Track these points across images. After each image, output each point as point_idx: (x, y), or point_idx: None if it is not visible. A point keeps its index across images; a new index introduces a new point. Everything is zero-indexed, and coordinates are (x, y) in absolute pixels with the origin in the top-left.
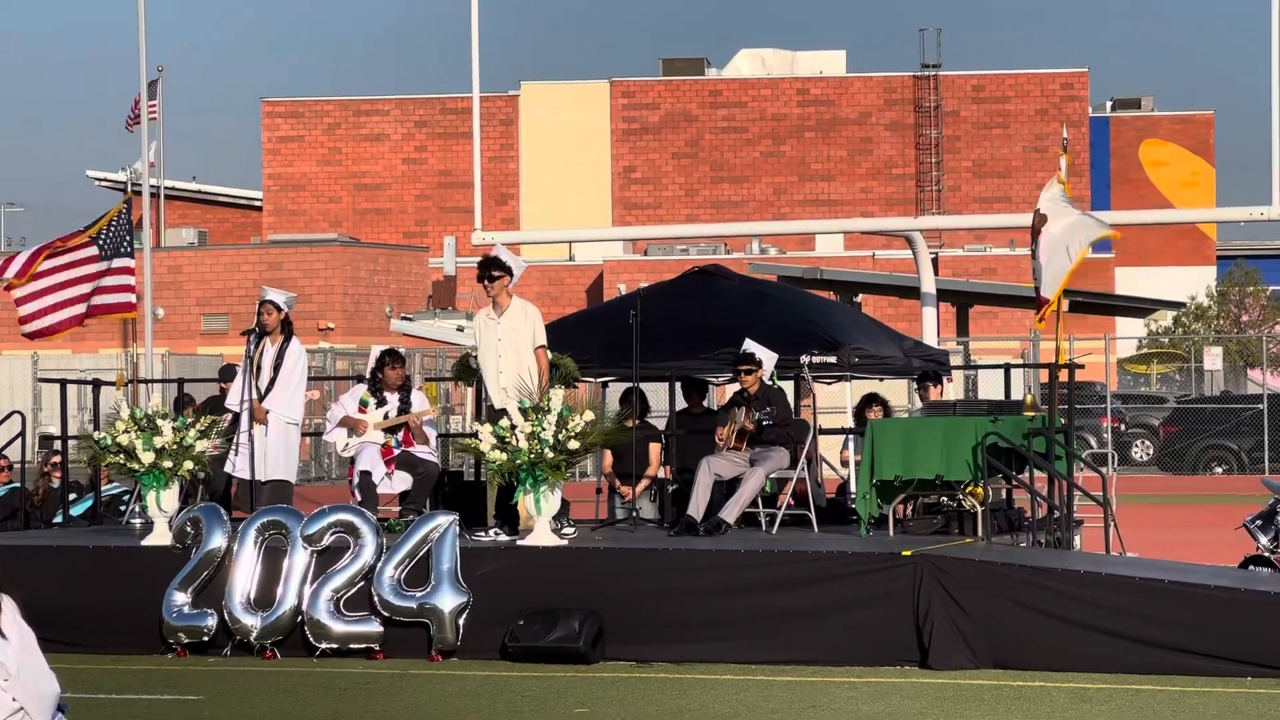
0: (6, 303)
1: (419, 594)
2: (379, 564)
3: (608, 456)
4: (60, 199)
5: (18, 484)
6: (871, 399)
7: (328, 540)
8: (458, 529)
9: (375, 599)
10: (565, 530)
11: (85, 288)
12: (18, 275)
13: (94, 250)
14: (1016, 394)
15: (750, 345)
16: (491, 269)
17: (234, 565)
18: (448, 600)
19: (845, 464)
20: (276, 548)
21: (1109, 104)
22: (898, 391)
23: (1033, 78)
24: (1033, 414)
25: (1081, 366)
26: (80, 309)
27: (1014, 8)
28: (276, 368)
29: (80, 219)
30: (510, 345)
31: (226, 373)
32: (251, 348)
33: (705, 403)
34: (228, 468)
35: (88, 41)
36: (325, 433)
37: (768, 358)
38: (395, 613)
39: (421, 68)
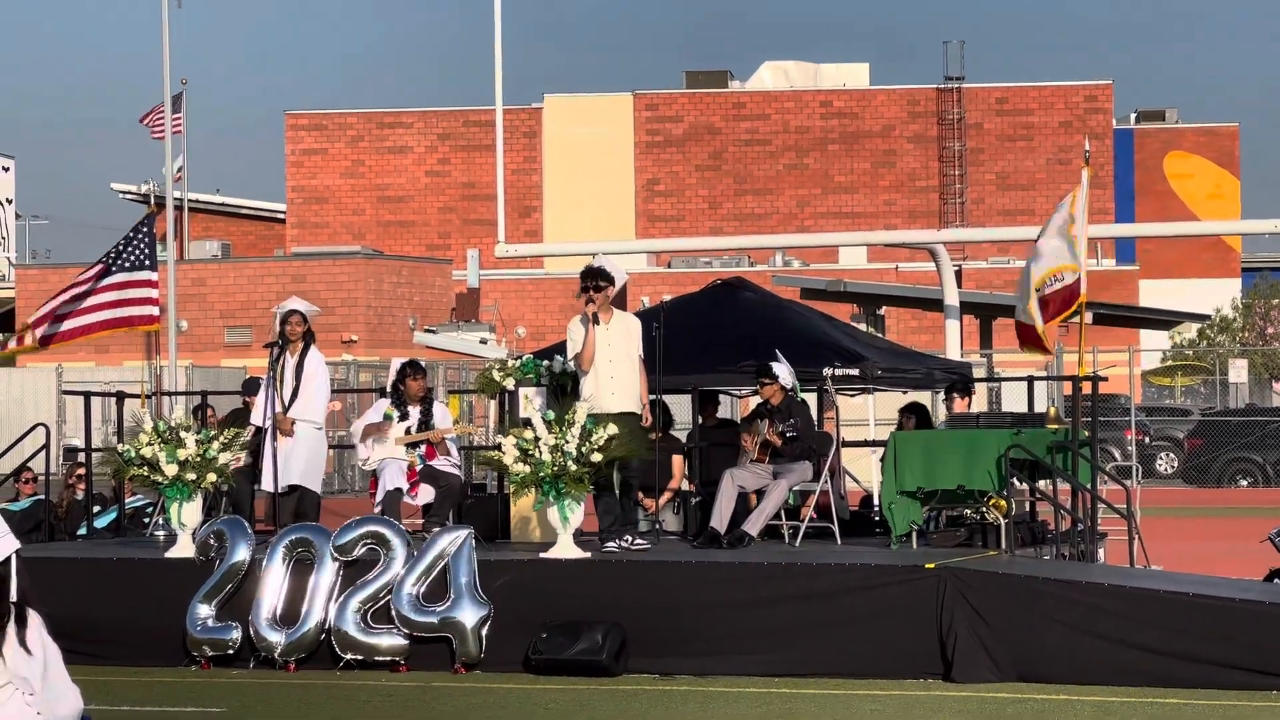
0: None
1: (439, 609)
2: (397, 580)
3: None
4: (84, 212)
5: (43, 496)
6: (908, 409)
7: (358, 552)
8: (473, 542)
9: (395, 615)
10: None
11: (106, 297)
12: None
13: (99, 267)
14: (1040, 407)
15: (783, 367)
16: (598, 279)
17: (261, 582)
18: (469, 614)
19: None
20: (304, 564)
21: (1133, 116)
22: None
23: (1057, 90)
24: (1056, 426)
25: (1105, 379)
26: (98, 317)
27: (1038, 20)
28: (298, 377)
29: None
30: (621, 353)
31: (250, 386)
32: (274, 360)
33: (720, 414)
34: (263, 484)
35: (112, 55)
36: (359, 449)
37: (785, 373)
38: (416, 629)
39: (445, 81)
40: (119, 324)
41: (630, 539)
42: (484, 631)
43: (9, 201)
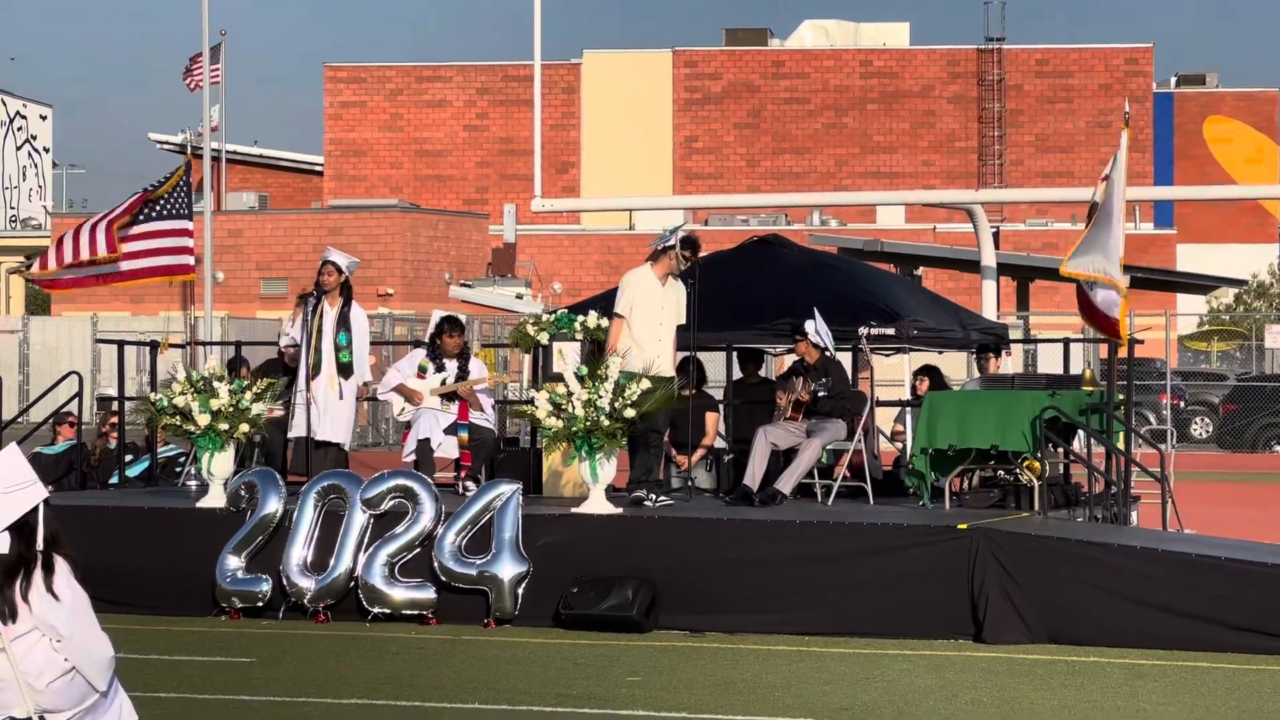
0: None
1: (479, 561)
2: (440, 530)
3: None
4: (122, 161)
5: (80, 442)
6: (922, 371)
7: (387, 505)
8: (520, 498)
9: (435, 564)
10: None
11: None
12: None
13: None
14: (1075, 370)
15: (812, 324)
16: (695, 250)
17: (293, 528)
18: (508, 569)
19: (895, 437)
20: (335, 512)
21: (1173, 80)
22: (957, 365)
23: (1097, 53)
24: (1091, 389)
25: (1141, 342)
26: (133, 265)
27: None
28: (337, 329)
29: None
30: (672, 316)
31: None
32: (309, 310)
33: (762, 373)
34: (291, 431)
35: (151, 5)
36: (380, 393)
37: (818, 333)
38: (454, 579)
39: (484, 35)
40: (154, 273)
41: (655, 496)
42: (521, 589)
43: (46, 150)
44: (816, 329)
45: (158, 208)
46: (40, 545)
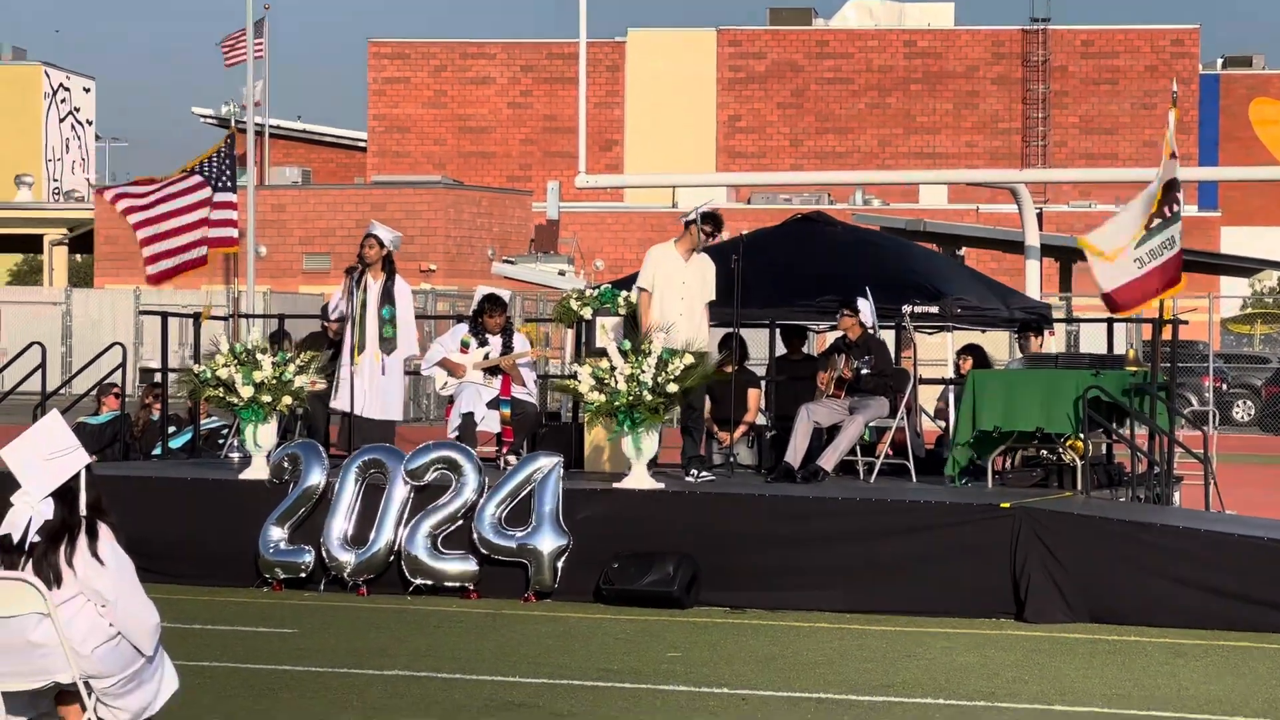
0: (111, 237)
1: (519, 534)
2: (481, 502)
3: (706, 402)
4: (164, 135)
5: (124, 414)
6: (965, 349)
7: (430, 476)
8: (561, 471)
9: (475, 536)
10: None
11: (195, 217)
12: (126, 211)
13: (197, 179)
14: (1118, 351)
15: (865, 301)
16: (719, 227)
17: (334, 502)
18: (548, 542)
19: (939, 415)
20: (376, 485)
21: (1219, 61)
22: (1000, 344)
23: (1143, 33)
24: (1135, 369)
25: (1185, 323)
26: (201, 251)
27: None
28: (380, 303)
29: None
30: (696, 291)
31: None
32: (353, 284)
33: (805, 349)
34: (333, 403)
35: None
36: (423, 368)
37: (866, 309)
38: (494, 551)
39: (528, 12)
40: (199, 245)
41: (697, 472)
42: (560, 562)
43: (89, 123)
44: (866, 308)
45: (199, 177)
46: (83, 511)
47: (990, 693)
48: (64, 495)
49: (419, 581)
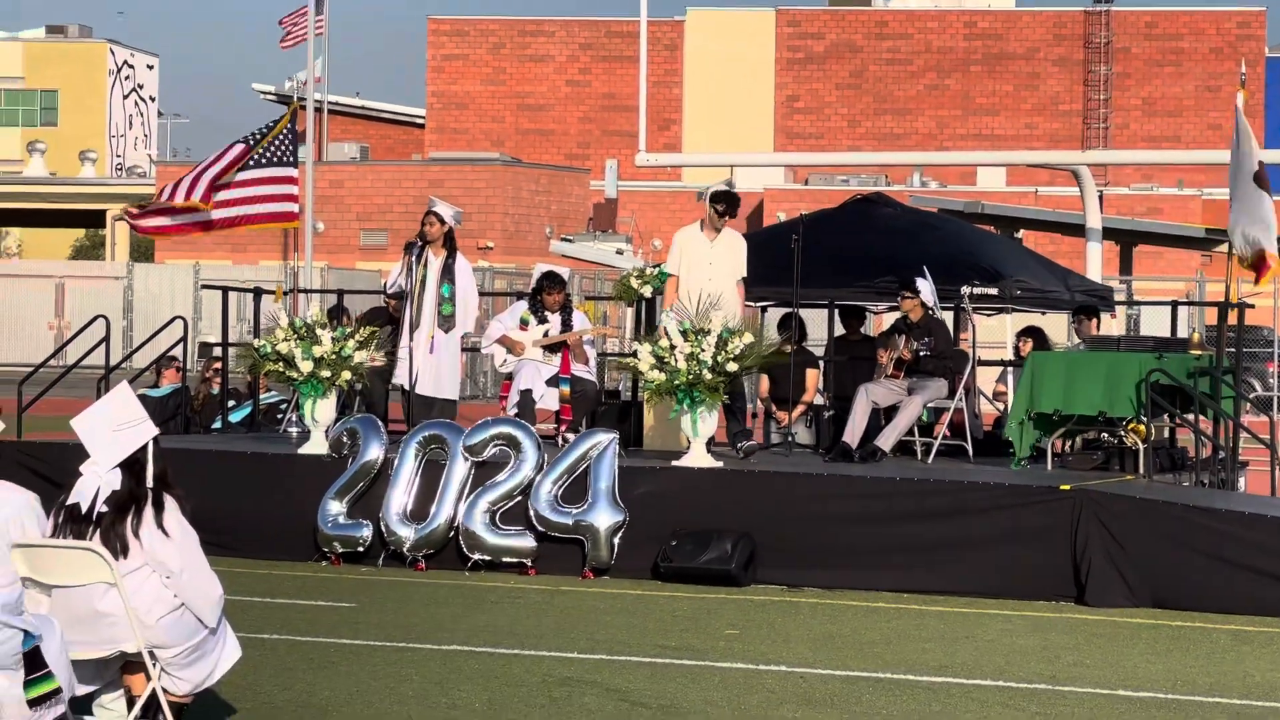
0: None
1: (575, 511)
2: (538, 479)
3: (764, 381)
4: (224, 112)
5: (184, 386)
6: (1025, 332)
7: (489, 452)
8: (617, 447)
9: (532, 513)
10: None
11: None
12: (203, 198)
13: (263, 157)
14: (1181, 334)
15: (925, 282)
16: (733, 205)
17: (393, 477)
18: (604, 518)
19: (997, 397)
20: (436, 461)
21: None
22: (1060, 326)
23: (1207, 15)
24: (1199, 353)
25: (1252, 306)
26: (241, 211)
27: None
28: (441, 279)
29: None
30: (724, 269)
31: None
32: (413, 260)
33: (863, 330)
34: (396, 379)
35: None
36: (483, 346)
37: (927, 290)
38: (551, 528)
39: None
40: (260, 219)
41: (742, 445)
42: (617, 538)
43: (152, 99)
44: (928, 288)
45: (265, 154)
46: (150, 482)
47: (1051, 676)
48: (131, 466)
49: (476, 557)
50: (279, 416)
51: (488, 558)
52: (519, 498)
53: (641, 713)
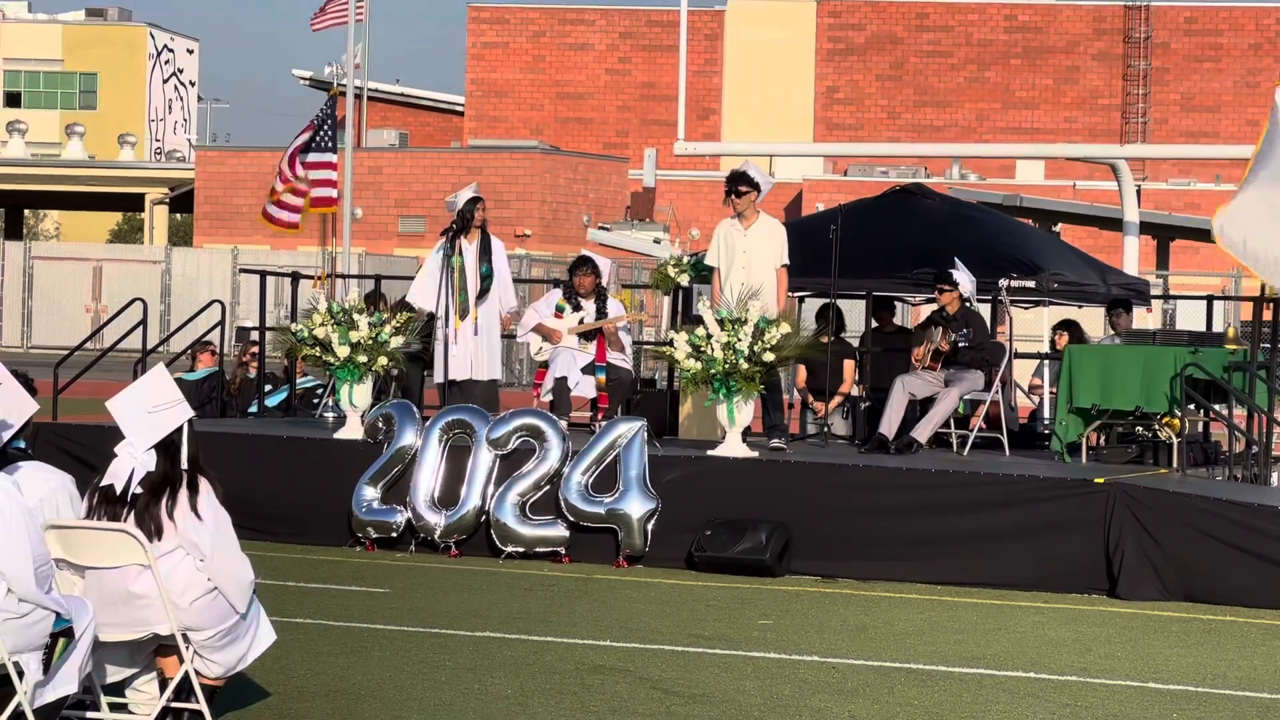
0: (210, 197)
1: (607, 500)
2: (566, 469)
3: (801, 372)
4: (264, 97)
5: (219, 370)
6: (1061, 325)
7: (513, 444)
8: (645, 435)
9: (562, 504)
10: (774, 442)
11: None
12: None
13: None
14: (1217, 329)
15: (963, 274)
16: (739, 184)
17: (419, 462)
18: (636, 506)
19: (1033, 390)
20: (461, 446)
21: None
22: (1096, 320)
23: (1248, 11)
24: (1234, 347)
25: None
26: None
27: None
28: (479, 262)
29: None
30: (756, 259)
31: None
32: (449, 248)
33: (897, 321)
34: (437, 375)
35: None
36: (519, 334)
37: (967, 281)
38: (582, 518)
39: None
40: (300, 208)
41: (779, 438)
42: (650, 525)
43: (192, 84)
44: (966, 280)
45: (314, 140)
46: (184, 465)
47: (1083, 668)
48: (166, 448)
49: (510, 549)
50: (315, 401)
51: (521, 549)
52: (547, 487)
53: (674, 701)
